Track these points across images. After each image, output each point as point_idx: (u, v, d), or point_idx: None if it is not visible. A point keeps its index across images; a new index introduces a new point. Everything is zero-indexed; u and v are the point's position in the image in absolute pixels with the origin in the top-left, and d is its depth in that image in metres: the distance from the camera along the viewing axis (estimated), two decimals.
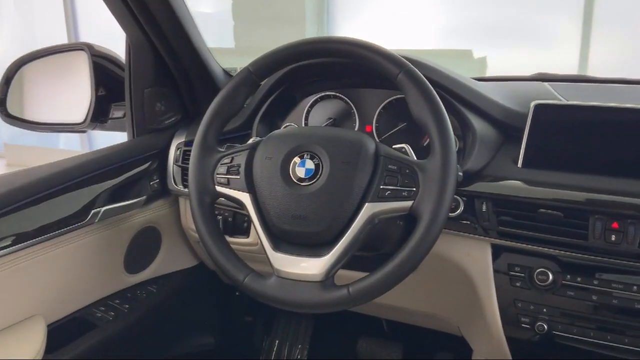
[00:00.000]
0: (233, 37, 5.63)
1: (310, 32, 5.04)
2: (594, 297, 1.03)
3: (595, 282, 1.03)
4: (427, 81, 0.95)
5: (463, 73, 1.31)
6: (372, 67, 0.98)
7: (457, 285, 1.19)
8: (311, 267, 0.93)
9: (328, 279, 0.93)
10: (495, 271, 1.11)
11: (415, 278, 1.21)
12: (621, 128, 1.07)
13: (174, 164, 1.42)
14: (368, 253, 1.11)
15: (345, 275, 1.00)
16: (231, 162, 1.02)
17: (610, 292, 1.02)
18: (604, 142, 1.08)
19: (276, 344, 1.90)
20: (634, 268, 1.00)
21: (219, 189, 1.02)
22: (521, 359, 1.16)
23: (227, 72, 1.55)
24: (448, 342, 1.55)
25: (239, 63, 1.09)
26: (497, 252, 1.11)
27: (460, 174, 1.02)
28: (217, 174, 1.03)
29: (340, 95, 1.32)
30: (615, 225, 1.00)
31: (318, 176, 0.95)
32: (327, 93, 1.33)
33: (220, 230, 1.04)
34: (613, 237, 0.99)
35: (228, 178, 1.02)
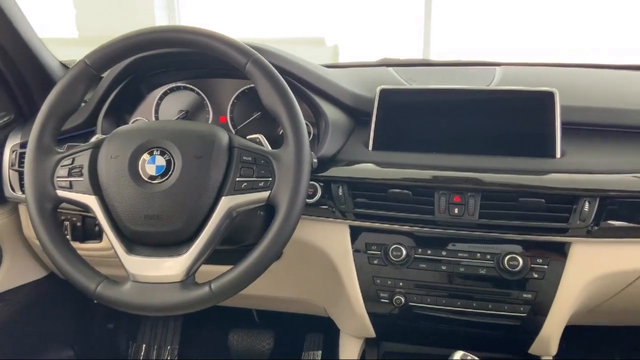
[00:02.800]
0: (76, 26, 5.23)
1: (160, 19, 4.83)
2: (444, 267, 1.11)
3: (444, 253, 1.11)
4: (275, 70, 0.95)
5: (316, 61, 1.33)
6: (220, 57, 0.96)
7: (320, 269, 1.22)
8: (169, 267, 0.90)
9: (188, 278, 0.90)
10: (355, 251, 1.15)
11: (280, 266, 1.22)
12: (459, 108, 1.16)
13: (9, 168, 1.28)
14: (231, 246, 1.10)
15: (210, 270, 0.98)
16: (72, 163, 0.95)
17: (458, 261, 1.11)
18: (445, 121, 1.16)
19: (143, 348, 1.82)
20: (476, 237, 1.10)
21: (60, 193, 0.94)
22: (384, 332, 1.22)
23: (65, 65, 1.43)
24: (317, 324, 1.59)
25: (84, 54, 1.00)
26: (355, 233, 1.15)
27: (315, 160, 1.04)
28: (58, 177, 0.95)
29: (191, 86, 1.27)
30: (457, 198, 1.08)
31: (170, 173, 0.91)
32: (177, 84, 1.28)
33: (65, 238, 0.96)
34: (456, 210, 1.07)
35: (70, 181, 0.94)
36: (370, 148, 1.15)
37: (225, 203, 0.90)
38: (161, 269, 0.90)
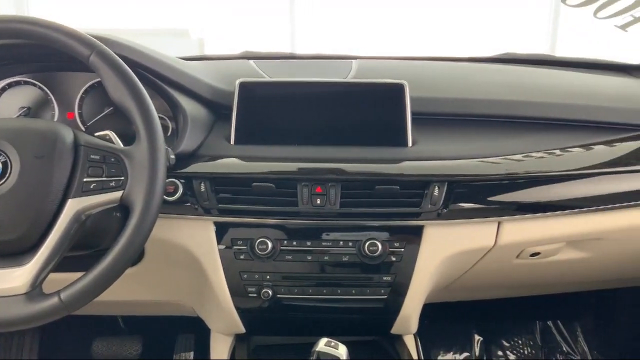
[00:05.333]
0: None
1: (5, 7, 4.42)
2: (309, 257, 1.13)
3: (309, 243, 1.13)
4: (122, 62, 0.90)
5: (180, 54, 1.29)
6: (61, 49, 0.90)
7: (185, 268, 1.19)
8: (11, 279, 0.83)
9: (34, 289, 0.84)
10: (220, 248, 1.13)
11: (142, 268, 1.18)
12: (318, 100, 1.18)
13: None
14: (85, 251, 1.03)
15: (63, 279, 0.91)
16: None
17: (322, 250, 1.13)
18: (304, 113, 1.18)
19: None
20: (338, 225, 1.13)
21: None
22: (253, 326, 1.22)
23: None
24: (188, 325, 1.55)
25: None
26: (220, 229, 1.13)
27: (173, 156, 1.01)
28: None
29: (33, 80, 1.17)
30: (319, 189, 1.10)
31: (7, 176, 0.84)
32: (17, 79, 1.17)
33: None
34: (318, 201, 1.09)
35: None
36: (232, 142, 1.14)
37: (72, 206, 0.85)
38: (2, 281, 0.83)
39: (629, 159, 1.19)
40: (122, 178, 0.87)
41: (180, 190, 1.09)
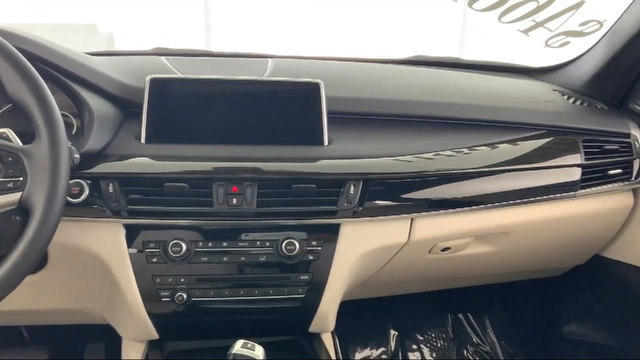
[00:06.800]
0: None
1: None
2: (225, 259, 1.11)
3: (225, 244, 1.11)
4: (21, 56, 0.85)
5: (89, 49, 1.23)
6: None
7: (93, 274, 1.13)
8: None
9: None
10: (131, 251, 1.08)
11: (46, 275, 1.11)
12: (233, 98, 1.16)
13: None
14: None
15: None
16: None
17: (239, 250, 1.12)
18: (220, 112, 1.15)
19: None
20: (255, 225, 1.12)
21: None
22: (167, 331, 1.18)
23: None
24: (97, 333, 1.48)
25: None
26: (130, 232, 1.08)
27: (77, 156, 0.96)
28: None
29: None
30: (235, 189, 1.08)
31: None
32: None
33: None
34: (234, 200, 1.08)
35: None
36: (142, 141, 1.09)
37: None
38: None
39: (531, 157, 1.26)
40: (21, 179, 0.82)
41: (86, 192, 1.03)
